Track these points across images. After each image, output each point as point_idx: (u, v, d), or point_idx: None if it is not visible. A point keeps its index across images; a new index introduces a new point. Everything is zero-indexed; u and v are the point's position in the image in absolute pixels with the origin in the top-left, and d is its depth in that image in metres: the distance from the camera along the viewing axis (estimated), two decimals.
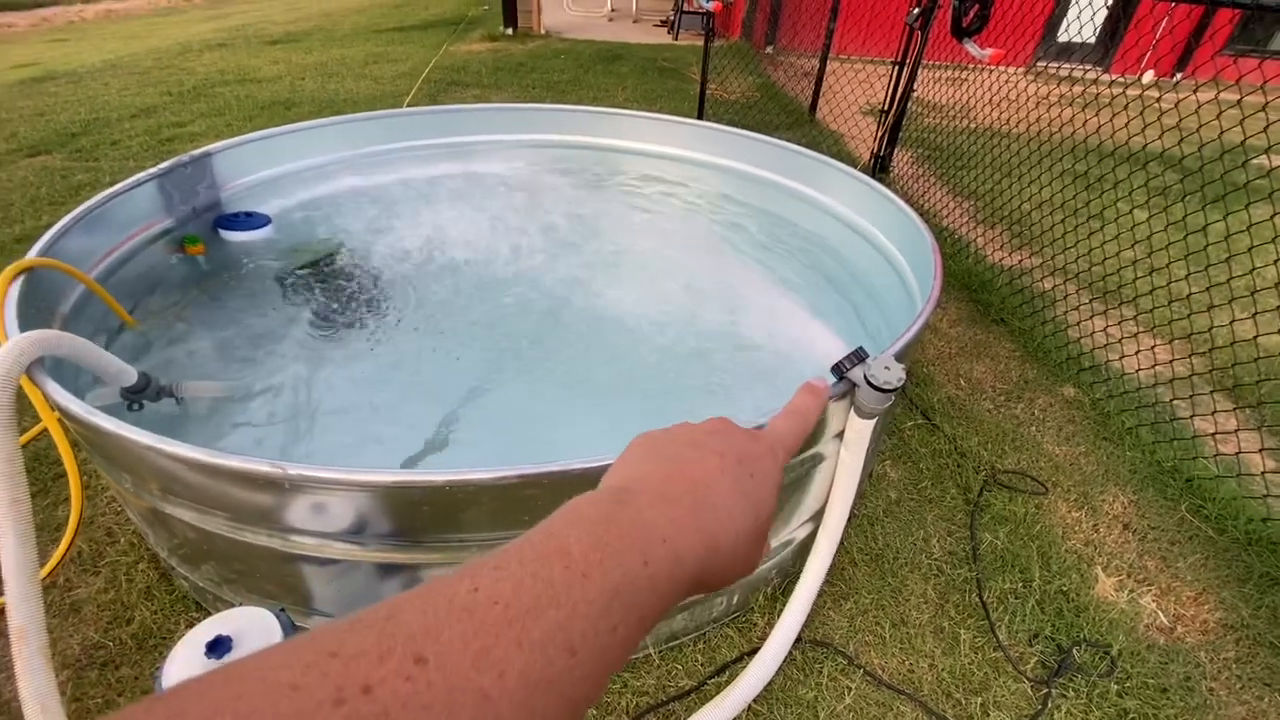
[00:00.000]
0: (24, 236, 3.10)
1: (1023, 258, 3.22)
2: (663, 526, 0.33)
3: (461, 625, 0.23)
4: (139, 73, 6.32)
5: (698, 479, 0.36)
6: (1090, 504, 2.00)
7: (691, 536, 0.34)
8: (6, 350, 1.12)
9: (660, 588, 0.31)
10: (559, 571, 0.27)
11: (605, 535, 0.30)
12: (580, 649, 0.26)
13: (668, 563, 0.32)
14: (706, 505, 0.35)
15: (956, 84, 3.95)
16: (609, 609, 0.28)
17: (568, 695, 0.25)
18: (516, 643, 0.24)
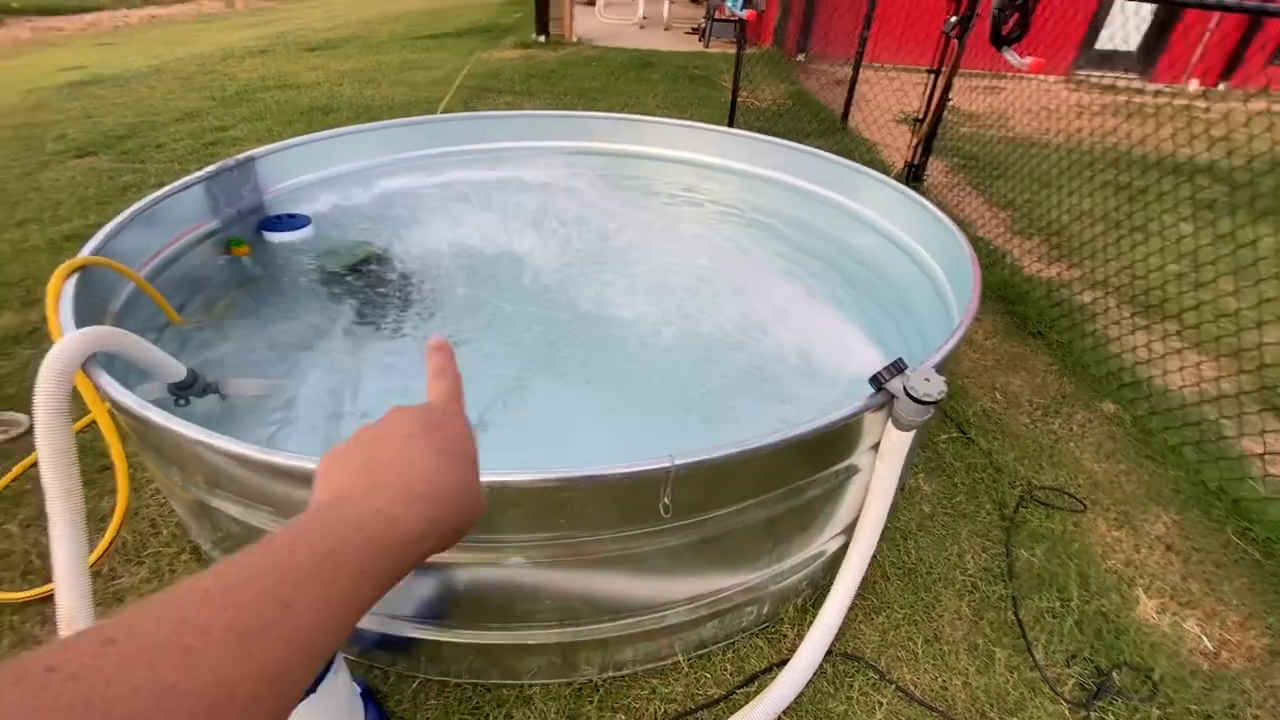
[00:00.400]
0: (73, 235, 3.21)
1: (1061, 269, 3.16)
2: (378, 504, 0.37)
3: (158, 611, 0.26)
4: (183, 77, 6.52)
5: (395, 461, 0.41)
6: (1131, 523, 1.94)
7: (405, 501, 0.38)
8: (65, 345, 1.16)
9: (379, 545, 0.35)
10: (262, 556, 0.30)
11: (311, 522, 0.34)
12: (294, 601, 0.29)
13: (382, 523, 0.36)
14: (414, 476, 0.40)
15: (993, 92, 3.89)
16: (321, 569, 0.31)
17: (288, 637, 0.28)
18: (222, 607, 0.27)
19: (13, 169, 4.00)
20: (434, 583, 1.25)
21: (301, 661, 0.29)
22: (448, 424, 0.45)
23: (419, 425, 0.44)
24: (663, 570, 1.31)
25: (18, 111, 5.27)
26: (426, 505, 0.39)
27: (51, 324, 1.33)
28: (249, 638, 0.27)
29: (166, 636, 0.25)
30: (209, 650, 0.25)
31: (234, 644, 0.26)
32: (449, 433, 0.45)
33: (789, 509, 1.34)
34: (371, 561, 0.34)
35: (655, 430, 1.83)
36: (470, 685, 1.41)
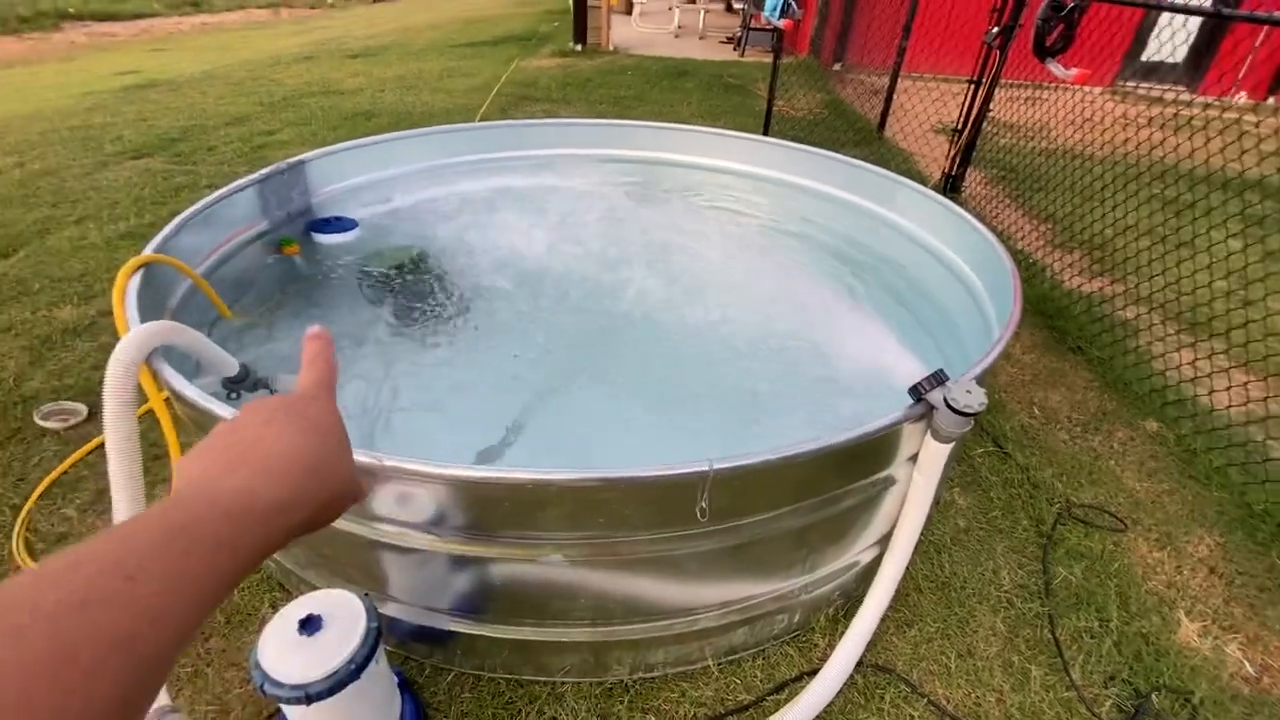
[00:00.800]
0: (128, 233, 3.35)
1: (1103, 284, 3.09)
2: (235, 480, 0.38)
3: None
4: (233, 83, 6.75)
5: (253, 441, 0.41)
6: (1173, 544, 1.90)
7: (260, 474, 0.39)
8: (131, 338, 1.22)
9: (236, 517, 0.35)
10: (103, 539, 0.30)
11: (162, 504, 0.34)
12: (138, 574, 0.29)
13: (240, 497, 0.36)
14: (273, 451, 0.41)
15: (1034, 103, 3.83)
16: (171, 541, 0.31)
17: (135, 606, 0.28)
18: (52, 585, 0.27)
19: (72, 169, 4.19)
20: (471, 577, 1.28)
21: (155, 629, 0.28)
22: (311, 406, 0.46)
23: (278, 410, 0.44)
24: (696, 574, 1.32)
25: (75, 114, 5.51)
26: (286, 478, 0.39)
27: (118, 318, 1.40)
28: (88, 607, 0.27)
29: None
30: (40, 624, 0.25)
31: (69, 614, 0.26)
32: (312, 413, 0.45)
33: (824, 518, 1.34)
34: (229, 531, 0.34)
35: (689, 436, 1.85)
36: (504, 680, 1.43)
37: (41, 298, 2.72)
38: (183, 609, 0.30)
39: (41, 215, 3.49)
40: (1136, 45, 7.03)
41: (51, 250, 3.12)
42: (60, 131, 4.95)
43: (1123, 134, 3.13)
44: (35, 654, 0.24)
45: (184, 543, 0.32)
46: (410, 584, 1.33)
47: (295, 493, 0.39)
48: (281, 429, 0.42)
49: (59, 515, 1.77)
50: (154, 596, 0.29)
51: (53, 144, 4.66)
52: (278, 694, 1.00)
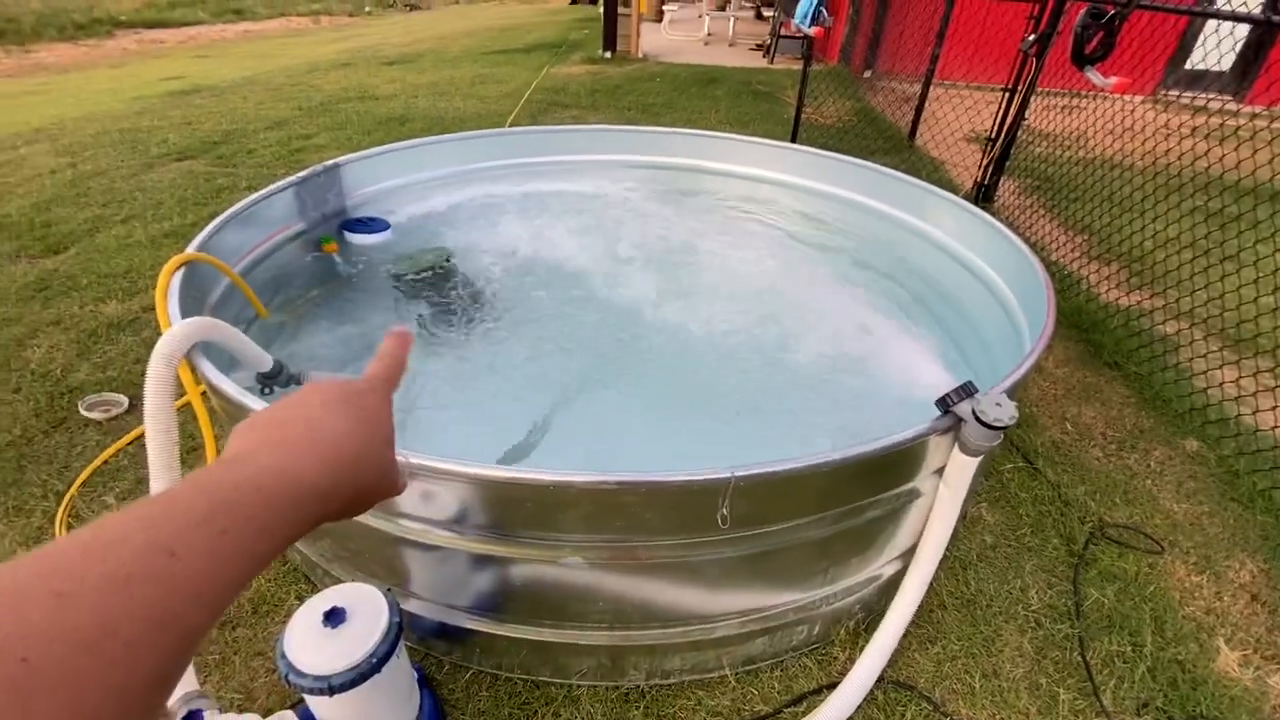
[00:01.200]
0: (171, 232, 3.46)
1: (1142, 298, 3.01)
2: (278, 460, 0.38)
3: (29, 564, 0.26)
4: (273, 88, 6.95)
5: (305, 421, 0.42)
6: (1213, 569, 1.83)
7: (308, 459, 0.39)
8: (172, 334, 1.26)
9: (276, 499, 0.35)
10: (148, 509, 0.31)
11: (206, 477, 0.34)
12: (180, 551, 0.29)
13: (279, 479, 0.36)
14: (323, 439, 0.41)
15: (1071, 112, 3.75)
16: (211, 519, 0.32)
17: (176, 584, 0.28)
18: (100, 559, 0.27)
19: (120, 170, 4.35)
20: (492, 576, 1.29)
21: (193, 608, 0.29)
22: (367, 396, 0.46)
23: (336, 394, 0.44)
24: (715, 581, 1.31)
25: (125, 117, 5.72)
26: (329, 465, 0.40)
27: (160, 314, 1.45)
28: (132, 582, 0.27)
29: (34, 584, 0.25)
30: (85, 594, 0.25)
31: (114, 588, 0.26)
32: (366, 403, 0.45)
33: (846, 529, 1.33)
34: (266, 514, 0.34)
35: (711, 441, 1.84)
36: (520, 680, 1.44)
37: (89, 293, 2.83)
38: (220, 588, 0.31)
39: (91, 214, 3.63)
40: (1180, 53, 6.85)
41: (99, 247, 3.24)
42: (111, 134, 5.14)
43: (1164, 144, 3.05)
44: (78, 624, 0.25)
45: (223, 521, 0.32)
46: (432, 581, 1.35)
47: (334, 480, 0.40)
48: (335, 414, 0.43)
49: (99, 503, 1.83)
50: (194, 575, 0.30)
51: (103, 146, 4.84)
52: (301, 684, 1.02)
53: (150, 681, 0.27)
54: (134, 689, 0.26)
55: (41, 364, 2.36)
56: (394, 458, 0.46)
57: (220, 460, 0.38)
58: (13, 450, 1.98)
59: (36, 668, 0.23)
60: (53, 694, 0.23)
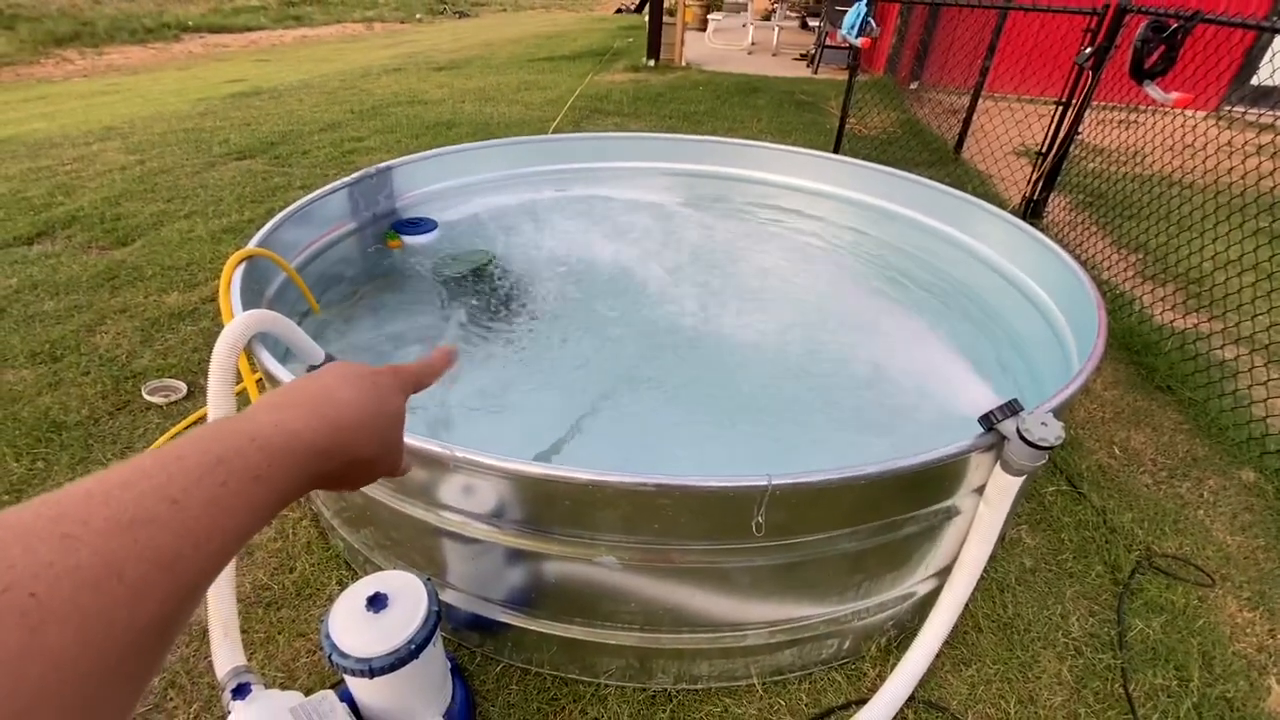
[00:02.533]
0: (230, 228, 3.61)
1: (1199, 321, 2.90)
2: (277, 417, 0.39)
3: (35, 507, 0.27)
4: (327, 92, 7.19)
5: (316, 388, 0.44)
6: (1267, 605, 1.75)
7: (308, 418, 0.41)
8: (236, 324, 1.33)
9: (274, 452, 0.37)
10: (150, 460, 0.32)
11: (205, 431, 0.36)
12: (182, 499, 0.30)
13: (280, 434, 0.38)
14: (329, 402, 0.43)
15: (1127, 126, 3.64)
16: (212, 470, 0.33)
17: (179, 529, 0.29)
18: (103, 502, 0.28)
19: (185, 168, 4.56)
20: (526, 571, 1.32)
21: (197, 552, 0.30)
22: (382, 376, 0.49)
23: (354, 371, 0.47)
24: (747, 589, 1.31)
25: (190, 117, 5.99)
26: (331, 426, 0.42)
27: (223, 305, 1.52)
28: (135, 526, 0.28)
29: (42, 525, 0.26)
30: (89, 537, 0.26)
31: (118, 532, 0.27)
32: (379, 382, 0.48)
33: (882, 544, 1.32)
34: (266, 466, 0.36)
35: (748, 449, 1.84)
36: (550, 676, 1.46)
37: (153, 283, 2.97)
38: (222, 535, 0.32)
39: (157, 209, 3.81)
40: (1246, 68, 6.58)
41: (163, 241, 3.41)
42: (176, 133, 5.40)
43: (1227, 162, 2.94)
44: (84, 564, 0.25)
45: (223, 473, 0.33)
46: (468, 573, 1.38)
47: (332, 440, 0.42)
48: (347, 385, 0.46)
49: None
50: (196, 521, 0.31)
51: (169, 144, 5.08)
52: (344, 664, 1.06)
53: (155, 621, 0.28)
54: (138, 627, 0.27)
55: (109, 349, 2.49)
56: (399, 439, 0.49)
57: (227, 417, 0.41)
58: (81, 430, 2.09)
59: (44, 602, 0.24)
60: (62, 627, 0.24)
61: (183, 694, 1.40)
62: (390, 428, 0.48)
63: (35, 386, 2.27)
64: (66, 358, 2.43)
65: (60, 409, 2.17)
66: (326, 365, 0.49)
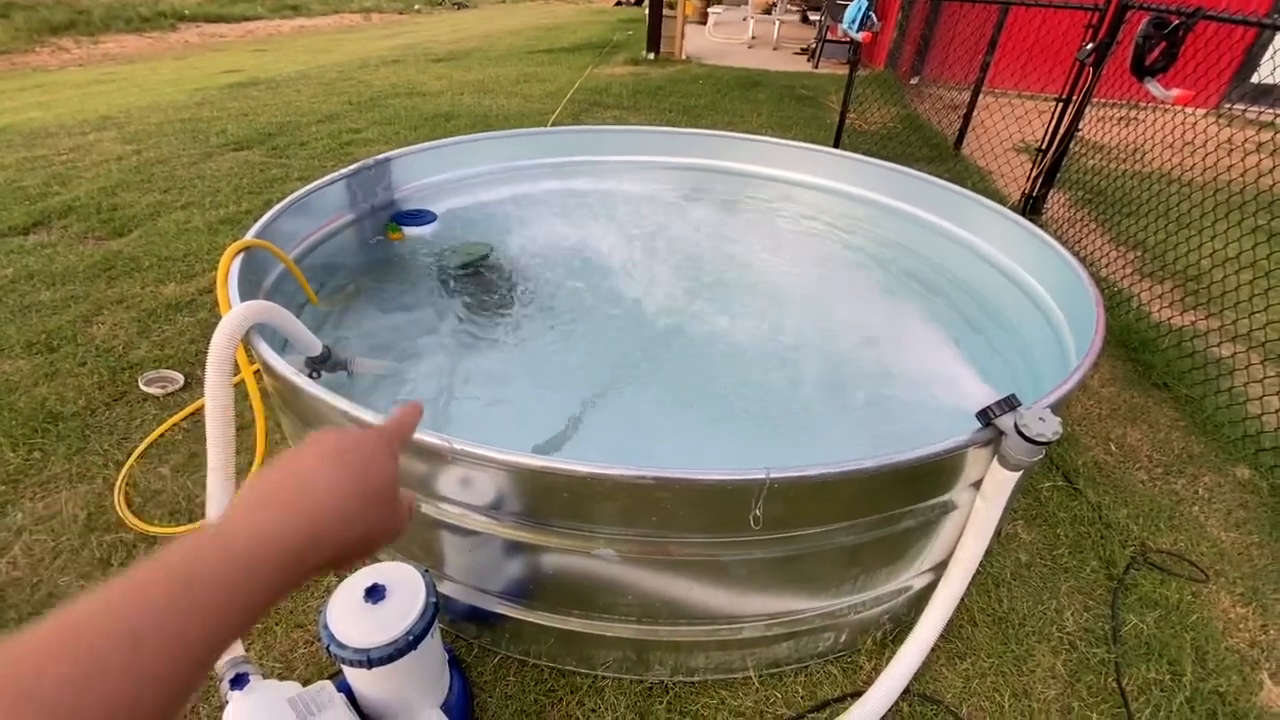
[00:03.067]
0: (227, 219, 3.60)
1: (1196, 319, 2.91)
2: (254, 519, 0.38)
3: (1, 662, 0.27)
4: (325, 83, 7.16)
5: (295, 477, 0.42)
6: (1260, 601, 1.76)
7: (286, 517, 0.39)
8: (234, 315, 1.32)
9: (249, 564, 0.35)
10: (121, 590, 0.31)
11: (182, 546, 0.35)
12: (146, 636, 0.29)
13: (255, 543, 0.37)
14: (305, 491, 0.42)
15: (1127, 124, 3.64)
16: (181, 598, 0.32)
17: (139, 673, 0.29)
18: (55, 656, 0.27)
19: (181, 158, 4.54)
20: (524, 563, 1.32)
21: (160, 689, 0.29)
22: (365, 444, 0.47)
23: (333, 445, 0.46)
24: (744, 582, 1.32)
25: (186, 107, 5.96)
26: (310, 519, 0.40)
27: (220, 296, 1.51)
28: (91, 680, 0.27)
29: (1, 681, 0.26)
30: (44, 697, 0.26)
31: (73, 690, 0.27)
32: (363, 453, 0.46)
33: (879, 538, 1.32)
34: (241, 583, 0.35)
35: (745, 442, 1.85)
36: (547, 668, 1.47)
37: (150, 274, 2.96)
38: (185, 670, 0.31)
39: (154, 199, 3.79)
40: (1246, 66, 6.58)
41: (160, 231, 3.39)
42: (173, 123, 5.37)
43: (1227, 159, 2.94)
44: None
45: (190, 600, 0.32)
46: (466, 564, 1.38)
47: (313, 537, 0.40)
48: (328, 467, 0.44)
49: (155, 474, 1.92)
50: (157, 662, 0.30)
51: (166, 134, 5.05)
52: (342, 655, 1.06)
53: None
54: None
55: (105, 340, 2.48)
56: (392, 508, 0.47)
57: (202, 529, 0.39)
58: (78, 420, 2.09)
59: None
60: None
61: None
62: (380, 501, 0.46)
63: (31, 377, 2.27)
64: (63, 348, 2.42)
65: (57, 399, 2.17)
66: (311, 437, 0.47)
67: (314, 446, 0.46)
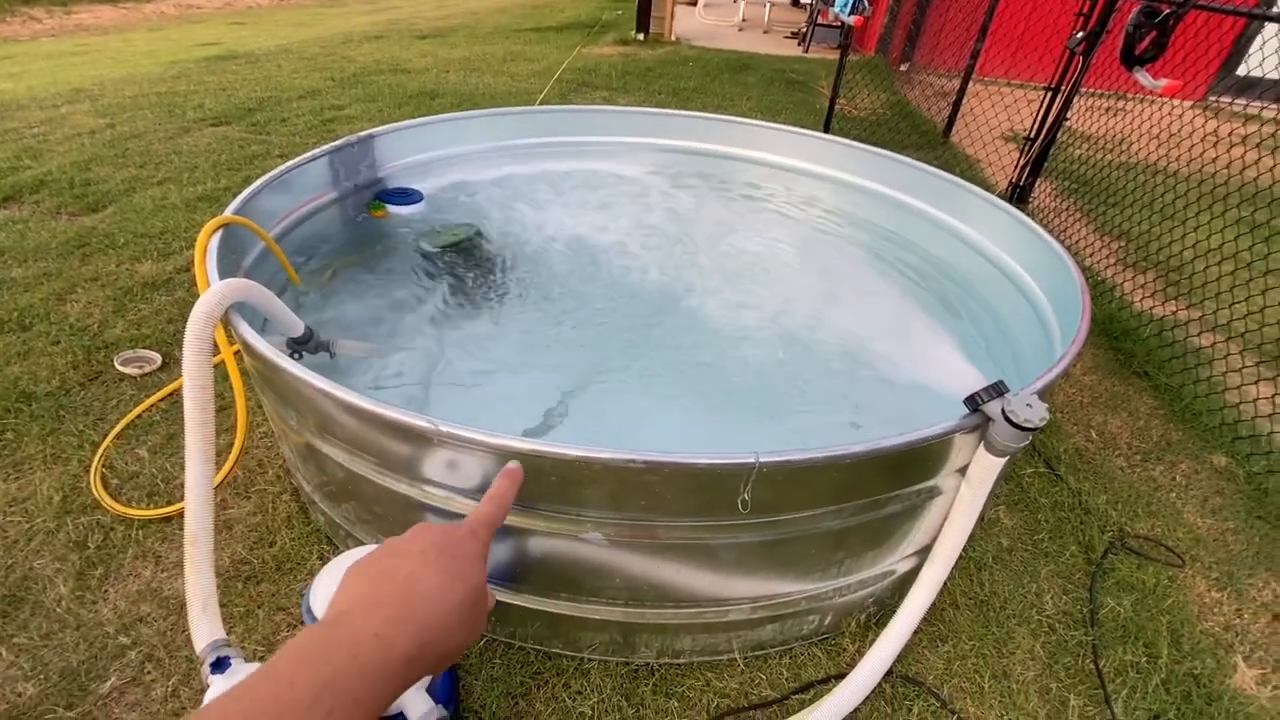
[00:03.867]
0: (205, 196, 3.51)
1: (1177, 308, 2.94)
2: (375, 625, 0.40)
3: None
4: (306, 58, 6.98)
5: (404, 579, 0.45)
6: (1235, 586, 1.80)
7: (403, 625, 0.42)
8: (212, 293, 1.29)
9: (373, 672, 0.38)
10: (265, 688, 0.33)
11: (313, 649, 0.37)
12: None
13: (379, 651, 0.39)
14: (417, 597, 0.44)
15: (1115, 114, 3.66)
16: (319, 700, 0.34)
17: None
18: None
19: (157, 133, 4.41)
20: (511, 546, 1.31)
21: None
22: (463, 543, 0.50)
23: (435, 544, 0.49)
24: (731, 565, 1.32)
25: (162, 81, 5.79)
26: (419, 629, 0.43)
27: (199, 274, 1.47)
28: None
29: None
30: None
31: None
32: (459, 551, 0.49)
33: (864, 522, 1.33)
34: (365, 690, 0.37)
35: (734, 426, 1.84)
36: (533, 650, 1.47)
37: (125, 252, 2.89)
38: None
39: (129, 175, 3.69)
40: (1233, 58, 6.63)
41: (136, 208, 3.30)
42: (149, 96, 5.21)
43: (1211, 151, 2.96)
44: None
45: (329, 700, 0.35)
46: None
47: (420, 648, 0.43)
48: (431, 569, 0.47)
49: (132, 455, 1.88)
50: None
51: (141, 108, 4.91)
52: None
53: None
54: None
55: (79, 319, 2.42)
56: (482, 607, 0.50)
57: (324, 623, 0.42)
58: (51, 400, 2.04)
59: None
60: None
61: (160, 667, 1.38)
62: (475, 609, 0.49)
63: (4, 356, 2.20)
64: (36, 326, 2.36)
65: (30, 379, 2.11)
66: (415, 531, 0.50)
67: (419, 542, 0.49)
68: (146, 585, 1.54)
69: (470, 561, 0.49)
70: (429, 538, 0.49)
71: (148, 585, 1.54)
